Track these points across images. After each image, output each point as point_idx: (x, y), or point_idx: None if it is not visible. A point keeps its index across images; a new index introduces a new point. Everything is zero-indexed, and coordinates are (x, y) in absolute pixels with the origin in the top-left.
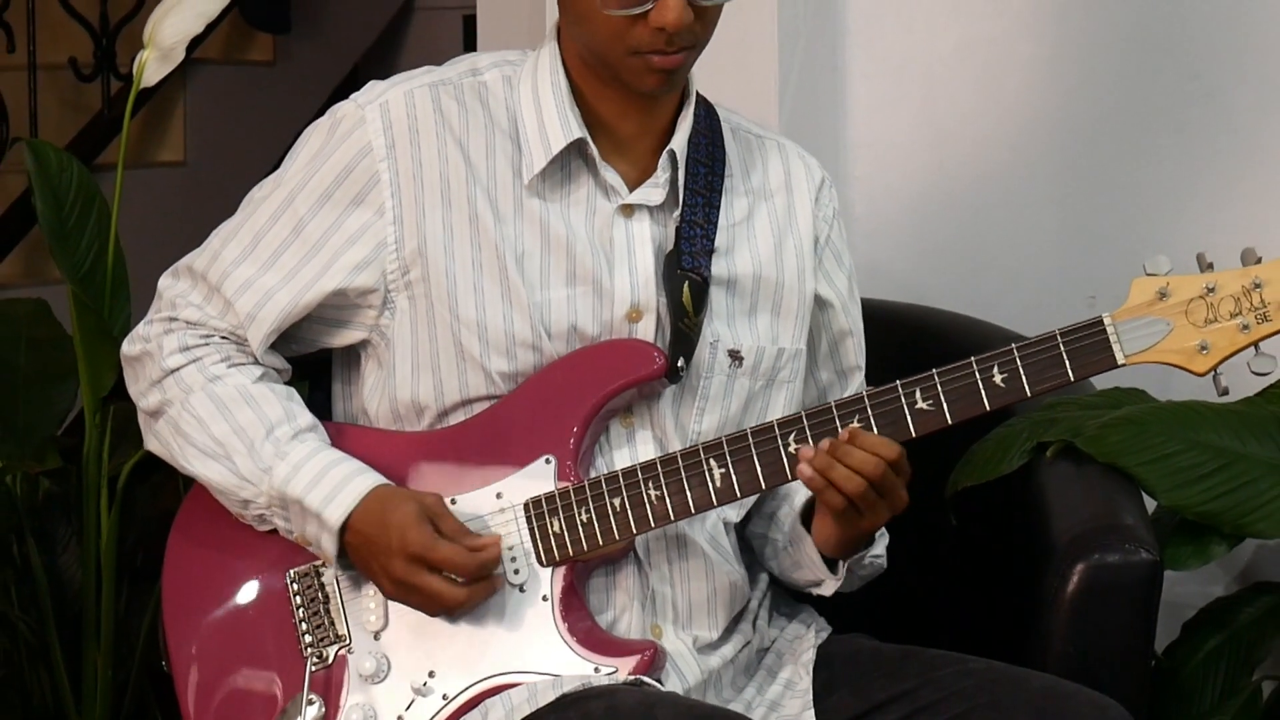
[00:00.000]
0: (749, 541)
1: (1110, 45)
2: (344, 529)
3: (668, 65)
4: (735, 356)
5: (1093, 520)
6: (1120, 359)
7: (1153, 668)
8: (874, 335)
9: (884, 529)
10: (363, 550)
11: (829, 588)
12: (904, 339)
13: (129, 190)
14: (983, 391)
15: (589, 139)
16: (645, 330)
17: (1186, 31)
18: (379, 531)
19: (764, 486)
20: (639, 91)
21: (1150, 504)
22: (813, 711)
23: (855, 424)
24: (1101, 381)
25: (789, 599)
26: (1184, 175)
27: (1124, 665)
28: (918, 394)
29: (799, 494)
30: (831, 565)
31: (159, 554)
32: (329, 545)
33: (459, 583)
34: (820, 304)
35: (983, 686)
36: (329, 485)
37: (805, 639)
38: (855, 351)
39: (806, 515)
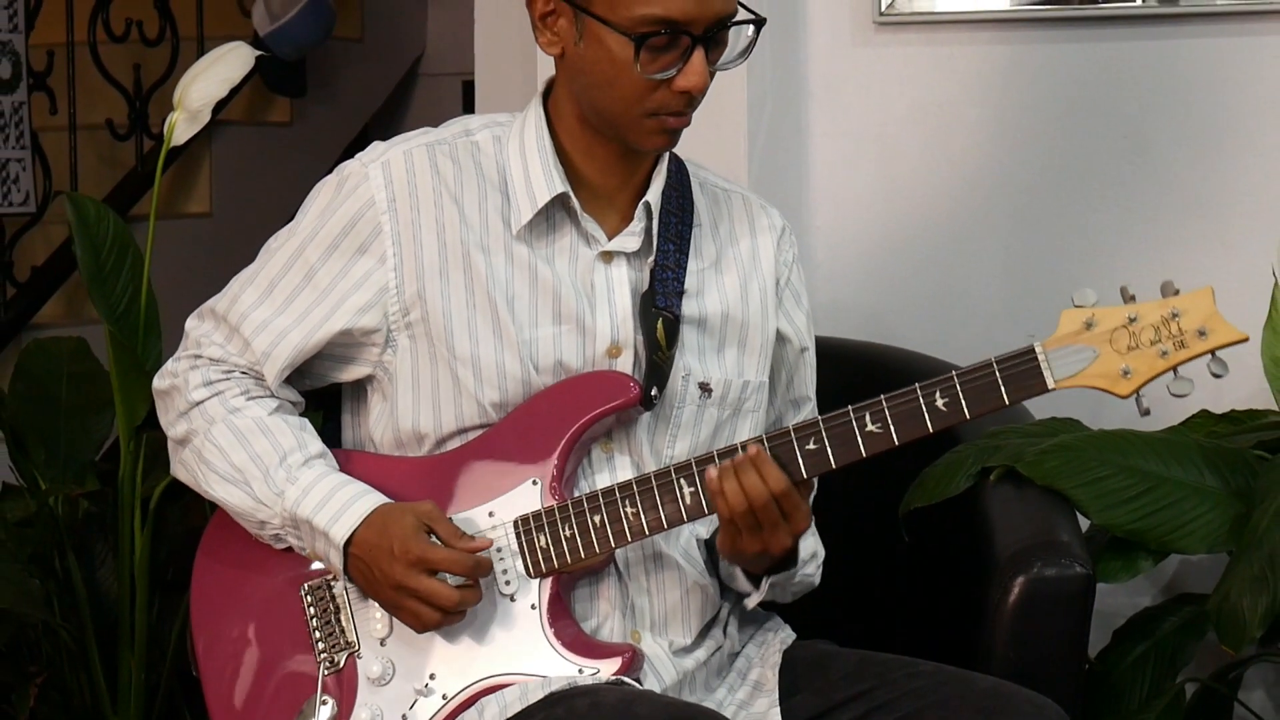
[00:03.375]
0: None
1: (1050, 107)
2: (348, 544)
3: (681, 125)
4: (705, 388)
5: (1032, 537)
6: (1051, 383)
7: (1086, 671)
8: (834, 369)
9: (821, 549)
10: (365, 560)
11: (752, 600)
12: (861, 373)
13: (160, 239)
14: (926, 414)
15: (571, 193)
16: (624, 364)
17: (1120, 93)
18: (381, 539)
19: None
20: (643, 150)
21: (1084, 523)
22: (779, 710)
23: (762, 446)
24: (1040, 412)
25: (758, 608)
26: (1117, 224)
27: (1060, 669)
28: (867, 418)
29: None
30: (755, 581)
31: (188, 568)
32: (335, 560)
33: (453, 585)
34: (781, 339)
35: (932, 687)
36: (335, 506)
37: (772, 644)
38: (809, 383)
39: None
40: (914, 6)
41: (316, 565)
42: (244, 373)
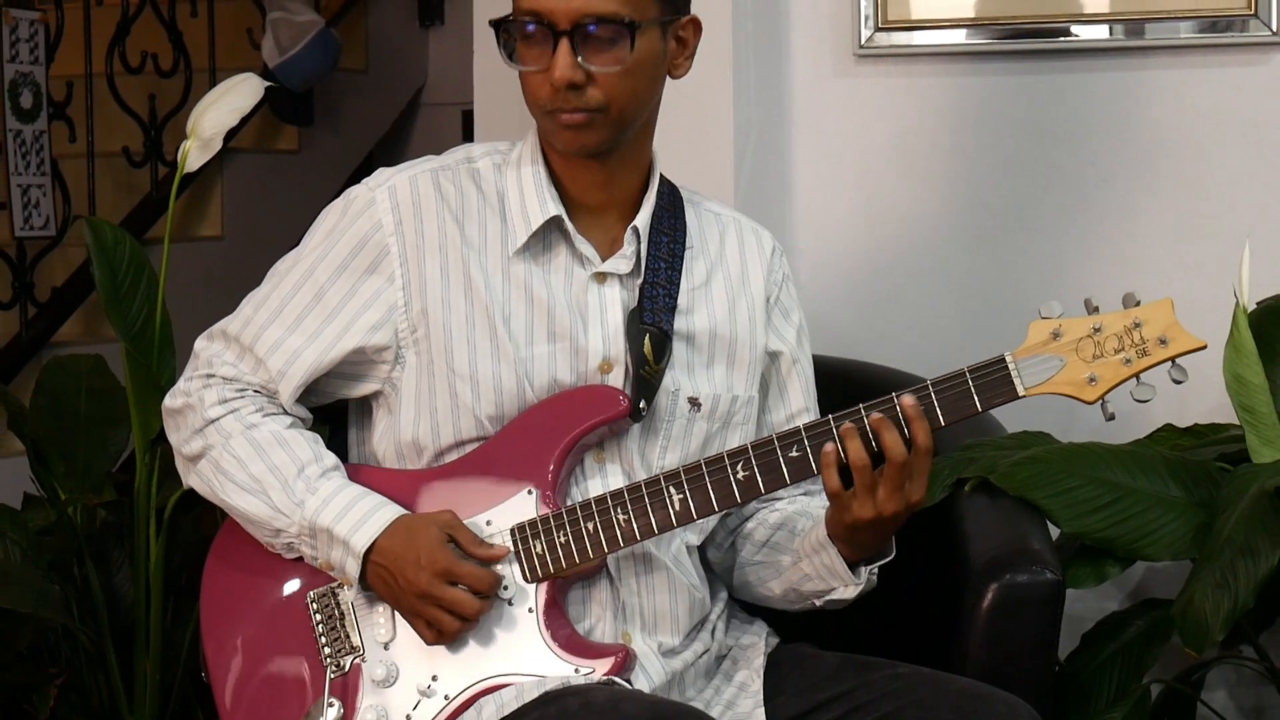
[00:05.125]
0: (744, 573)
1: (1020, 134)
2: (369, 552)
3: (569, 122)
4: (694, 403)
5: (1005, 545)
6: (1021, 391)
7: (1056, 672)
8: (816, 384)
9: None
10: (388, 568)
11: (849, 592)
12: (841, 388)
13: (174, 261)
14: (902, 421)
15: (565, 215)
16: (615, 379)
17: (1083, 125)
18: (407, 550)
19: (716, 509)
20: (561, 150)
21: (1054, 531)
22: (763, 710)
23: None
24: (1012, 425)
25: (744, 613)
26: (1083, 246)
27: (1032, 670)
28: (847, 425)
29: (803, 518)
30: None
31: (200, 574)
32: (352, 568)
33: (476, 596)
34: (771, 355)
35: (910, 688)
36: (356, 516)
37: (757, 647)
38: (804, 394)
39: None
40: (892, 40)
41: (323, 573)
42: (257, 391)
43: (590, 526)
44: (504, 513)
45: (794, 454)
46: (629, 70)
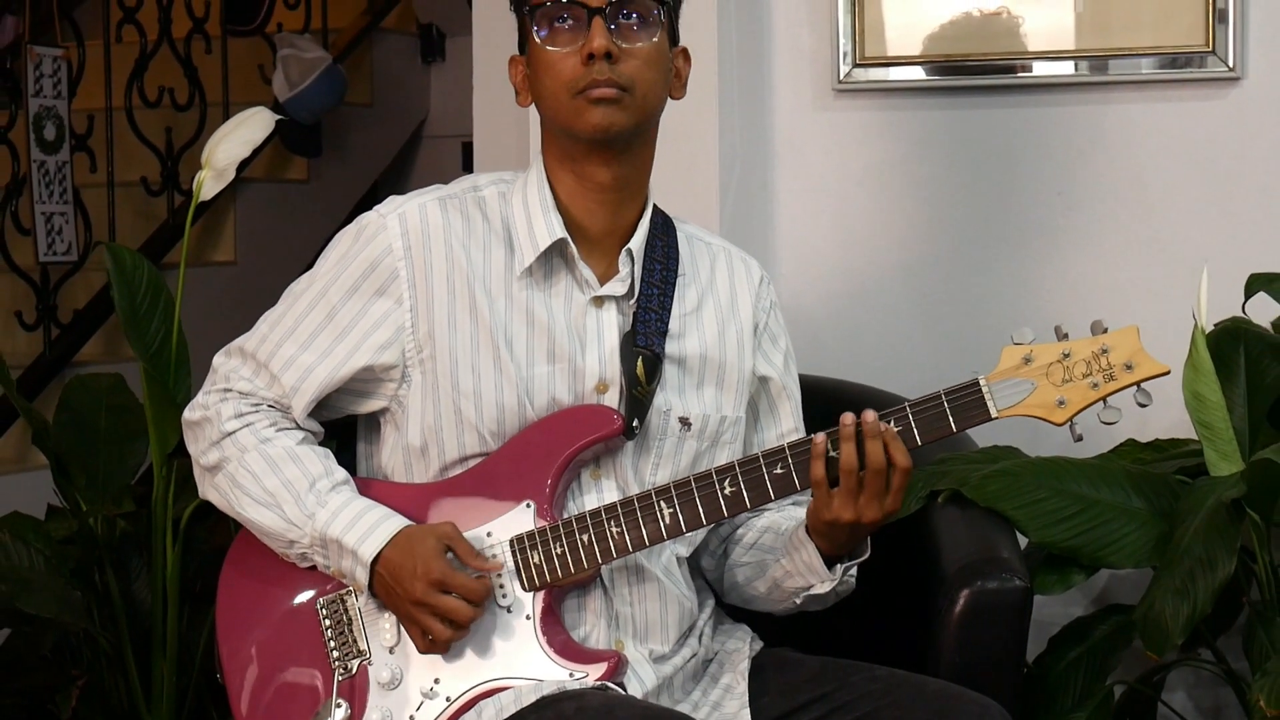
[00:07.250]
0: (732, 574)
1: (991, 165)
2: (375, 562)
3: (601, 96)
4: (685, 422)
5: (976, 554)
6: (993, 413)
7: (1024, 674)
8: None
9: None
10: (390, 578)
11: (825, 587)
12: (820, 405)
13: (189, 285)
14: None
15: (569, 239)
16: (610, 399)
17: (1050, 156)
18: (406, 559)
19: (705, 523)
20: (588, 138)
21: (1023, 540)
22: (748, 711)
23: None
24: (983, 440)
25: (729, 619)
26: (1051, 271)
27: (1002, 672)
28: (829, 444)
29: (787, 522)
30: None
31: (214, 581)
32: (361, 576)
33: (469, 604)
34: (761, 380)
35: (887, 689)
36: (363, 527)
37: (742, 651)
38: (792, 416)
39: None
40: (869, 76)
41: (332, 580)
42: (271, 405)
43: (585, 538)
44: (504, 525)
45: (779, 471)
46: (652, 57)
